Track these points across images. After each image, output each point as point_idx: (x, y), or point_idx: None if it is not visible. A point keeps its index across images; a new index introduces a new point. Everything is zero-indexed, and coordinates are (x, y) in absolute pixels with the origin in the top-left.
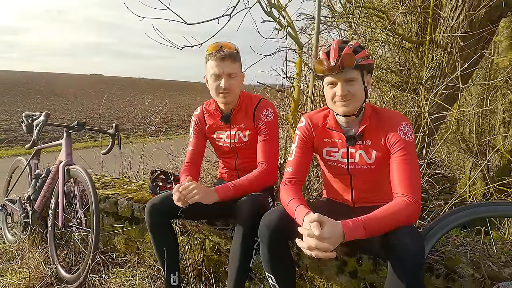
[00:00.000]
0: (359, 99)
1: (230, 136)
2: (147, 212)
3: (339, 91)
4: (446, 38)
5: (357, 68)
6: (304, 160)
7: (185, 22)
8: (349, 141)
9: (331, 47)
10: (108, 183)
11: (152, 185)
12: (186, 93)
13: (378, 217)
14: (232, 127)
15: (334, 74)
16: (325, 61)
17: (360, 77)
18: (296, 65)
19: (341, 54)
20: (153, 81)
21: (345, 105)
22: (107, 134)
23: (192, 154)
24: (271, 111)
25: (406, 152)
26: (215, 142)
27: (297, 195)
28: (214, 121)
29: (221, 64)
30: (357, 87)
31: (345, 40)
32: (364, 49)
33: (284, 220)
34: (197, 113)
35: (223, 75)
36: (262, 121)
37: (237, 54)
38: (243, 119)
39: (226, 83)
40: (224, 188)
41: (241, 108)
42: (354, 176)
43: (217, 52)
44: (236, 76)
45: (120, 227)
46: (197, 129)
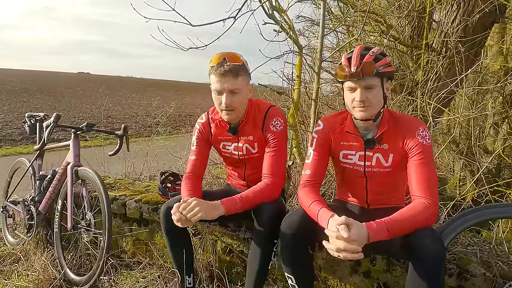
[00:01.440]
0: (377, 105)
1: (237, 148)
2: (162, 215)
3: (358, 97)
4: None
5: (377, 75)
6: (321, 163)
7: (190, 23)
8: (368, 145)
9: (353, 53)
10: (112, 184)
11: (161, 187)
12: (175, 92)
13: (400, 219)
14: (240, 139)
15: (354, 80)
16: (346, 67)
17: (380, 84)
18: (296, 67)
19: (361, 62)
20: (142, 80)
21: (363, 110)
22: (115, 135)
23: (194, 164)
24: (281, 120)
25: (424, 156)
26: (221, 153)
27: (317, 197)
28: (221, 131)
29: (222, 80)
30: (376, 94)
31: (368, 47)
32: (385, 56)
33: (305, 223)
34: (202, 121)
35: (224, 91)
36: (271, 132)
37: (241, 67)
38: (251, 130)
39: (227, 100)
40: (231, 202)
41: (249, 120)
42: (370, 178)
43: (218, 67)
44: (239, 92)
45: (130, 229)
46: (201, 138)
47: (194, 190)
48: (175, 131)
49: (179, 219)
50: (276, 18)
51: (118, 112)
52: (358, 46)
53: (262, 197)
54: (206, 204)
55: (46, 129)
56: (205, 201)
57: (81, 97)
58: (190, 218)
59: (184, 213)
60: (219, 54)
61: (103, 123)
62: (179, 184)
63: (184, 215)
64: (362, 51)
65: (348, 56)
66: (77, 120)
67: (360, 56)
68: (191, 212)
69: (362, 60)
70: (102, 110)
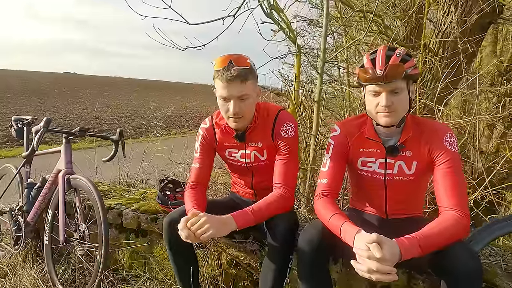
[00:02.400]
0: (403, 110)
1: (245, 156)
2: (165, 228)
3: (383, 101)
4: (438, 43)
5: (404, 78)
6: (339, 171)
7: (187, 22)
8: (390, 152)
9: (376, 54)
10: (106, 191)
11: (161, 195)
12: (164, 92)
13: (432, 233)
14: (247, 145)
15: (380, 84)
16: (370, 69)
17: (406, 87)
18: (295, 67)
19: (388, 64)
20: (130, 80)
21: (388, 116)
22: (110, 140)
23: (198, 172)
24: (292, 125)
25: (453, 164)
26: (227, 160)
27: (337, 209)
28: (226, 138)
29: (229, 86)
30: (402, 98)
31: (392, 47)
32: (412, 57)
33: (325, 237)
34: (205, 126)
35: (232, 99)
36: (281, 138)
37: (248, 70)
38: (260, 136)
39: (235, 107)
40: (243, 216)
41: (257, 125)
42: (390, 187)
43: (224, 72)
44: (248, 98)
45: (127, 240)
46: (205, 144)
47: (199, 201)
48: (165, 132)
49: (188, 236)
50: (274, 18)
51: (106, 113)
52: (382, 46)
53: (275, 209)
54: (217, 220)
55: (36, 135)
56: (215, 217)
57: (68, 97)
58: (199, 236)
59: (193, 229)
60: (224, 57)
61: (91, 124)
62: (179, 192)
63: (193, 231)
64: (387, 51)
65: (372, 57)
66: (64, 122)
67: (386, 58)
68: (200, 229)
69: (388, 61)
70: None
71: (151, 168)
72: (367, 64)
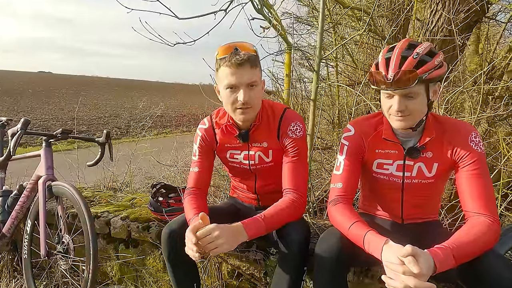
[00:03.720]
0: (418, 115)
1: (248, 157)
2: (164, 241)
3: (395, 105)
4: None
5: (421, 82)
6: (354, 174)
7: (176, 16)
8: (411, 154)
9: (392, 53)
10: (91, 197)
11: (153, 201)
12: (144, 92)
13: (465, 242)
14: (251, 146)
15: (390, 89)
16: (381, 72)
17: (424, 91)
18: (285, 65)
19: (399, 70)
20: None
21: (401, 120)
22: (95, 143)
23: (198, 177)
24: (300, 125)
25: (480, 165)
26: (228, 162)
27: (356, 216)
28: (228, 138)
29: (238, 71)
30: (418, 102)
31: (412, 43)
32: (436, 55)
33: (345, 246)
34: (204, 127)
35: (242, 86)
36: (289, 138)
37: (256, 57)
38: (265, 136)
39: (245, 95)
40: (255, 225)
41: (262, 123)
42: (408, 190)
43: (232, 56)
44: (257, 85)
45: (116, 251)
46: (204, 146)
47: (201, 208)
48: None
49: (198, 252)
50: (265, 14)
51: (84, 113)
52: (402, 41)
53: (288, 216)
54: (229, 231)
55: (12, 138)
56: (227, 228)
57: (43, 97)
58: (210, 250)
59: (204, 241)
60: (227, 45)
61: (68, 125)
62: (172, 197)
63: (203, 244)
64: (404, 51)
65: (387, 56)
66: (39, 122)
67: (401, 59)
68: (212, 243)
69: (403, 64)
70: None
71: (138, 171)
72: (380, 64)
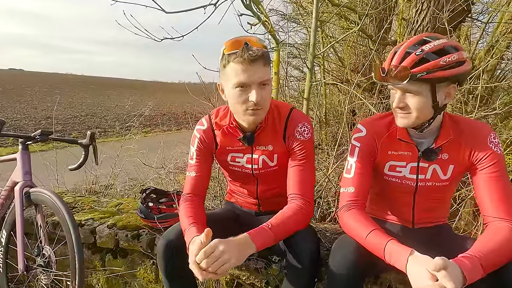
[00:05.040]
0: (421, 115)
1: (251, 161)
2: (161, 253)
3: (395, 101)
4: None
5: (420, 81)
6: (366, 177)
7: (163, 10)
8: (427, 156)
9: (400, 48)
10: (72, 203)
11: (143, 207)
12: (121, 90)
13: (490, 250)
14: (255, 149)
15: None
16: (381, 65)
17: (428, 91)
18: (274, 63)
19: (392, 65)
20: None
21: (402, 117)
22: (78, 145)
23: (195, 182)
24: (308, 126)
25: (499, 167)
26: (228, 166)
27: (373, 224)
28: (230, 141)
29: (250, 68)
30: (418, 102)
31: (427, 39)
32: (446, 54)
33: (361, 256)
34: (202, 128)
35: (253, 85)
36: (297, 140)
37: (268, 54)
38: (270, 138)
39: (258, 95)
40: (263, 234)
41: (268, 124)
42: (420, 194)
43: (244, 52)
44: (268, 84)
45: (102, 262)
46: (203, 149)
47: (198, 216)
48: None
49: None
50: (253, 10)
51: (58, 112)
52: (415, 37)
53: (295, 224)
54: (235, 245)
55: None
56: (232, 241)
57: (13, 96)
58: (216, 269)
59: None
60: (235, 39)
61: (42, 125)
62: (163, 202)
63: (209, 264)
64: (411, 46)
65: (396, 50)
66: (10, 122)
67: (405, 54)
68: (218, 261)
69: (404, 59)
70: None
71: (120, 172)
72: (388, 57)
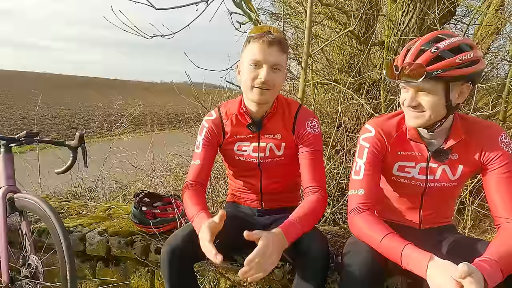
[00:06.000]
0: (433, 115)
1: (258, 149)
2: (167, 259)
3: (407, 100)
4: (397, 41)
5: (434, 79)
6: (376, 179)
7: (153, 6)
8: (438, 157)
9: (414, 45)
10: (58, 209)
11: (137, 212)
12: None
13: (508, 252)
14: (263, 137)
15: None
16: (395, 63)
17: (442, 90)
18: None
19: (406, 62)
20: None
21: (414, 116)
22: (66, 147)
23: (199, 170)
24: (317, 121)
25: (511, 168)
26: (234, 157)
27: (387, 228)
28: (238, 128)
29: (267, 49)
30: (432, 101)
31: (441, 36)
32: (462, 52)
33: (376, 261)
34: (211, 118)
35: (266, 65)
36: (308, 134)
37: (287, 44)
38: (279, 127)
39: (267, 74)
40: (293, 228)
41: (277, 112)
42: (428, 194)
43: (263, 35)
44: (281, 70)
45: (93, 271)
46: (210, 139)
47: (204, 205)
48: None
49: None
50: (243, 8)
51: (35, 113)
52: (430, 33)
53: (317, 216)
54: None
55: None
56: (271, 237)
57: None
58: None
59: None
60: (261, 26)
61: (18, 125)
62: (157, 206)
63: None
64: (426, 43)
65: (409, 47)
66: None
67: (419, 51)
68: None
69: (419, 57)
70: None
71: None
72: (400, 55)
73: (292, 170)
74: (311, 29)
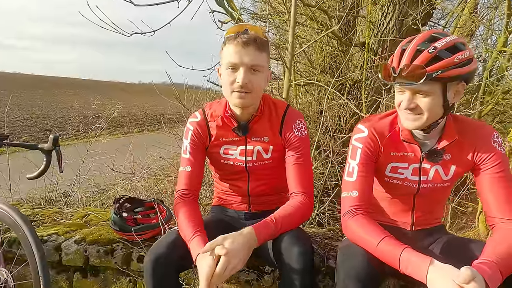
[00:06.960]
0: (431, 116)
1: (245, 153)
2: (150, 268)
3: (405, 103)
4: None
5: (432, 80)
6: (369, 180)
7: (132, 2)
8: (432, 157)
9: (409, 45)
10: (31, 216)
11: (118, 219)
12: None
13: (507, 253)
14: (250, 140)
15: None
16: (389, 64)
17: (439, 91)
18: None
19: (405, 64)
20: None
21: (412, 119)
22: (39, 150)
23: (190, 177)
24: (304, 123)
25: (504, 167)
26: (220, 160)
27: (383, 231)
28: (224, 131)
29: (242, 51)
30: (430, 102)
31: (436, 35)
32: (459, 51)
33: (372, 265)
34: (196, 120)
35: (242, 66)
36: (295, 136)
37: (265, 42)
38: (266, 129)
39: (245, 77)
40: (266, 227)
41: (263, 114)
42: (421, 195)
43: (238, 35)
44: (260, 71)
45: (69, 282)
46: (196, 142)
47: (198, 221)
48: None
49: None
50: (225, 6)
51: (5, 114)
52: (424, 32)
53: (297, 220)
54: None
55: None
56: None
57: None
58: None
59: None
60: (238, 25)
61: None
62: (139, 212)
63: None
64: (421, 43)
65: (404, 48)
66: None
67: (415, 52)
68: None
69: (416, 58)
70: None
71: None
72: (395, 56)
73: (280, 173)
74: (295, 28)
